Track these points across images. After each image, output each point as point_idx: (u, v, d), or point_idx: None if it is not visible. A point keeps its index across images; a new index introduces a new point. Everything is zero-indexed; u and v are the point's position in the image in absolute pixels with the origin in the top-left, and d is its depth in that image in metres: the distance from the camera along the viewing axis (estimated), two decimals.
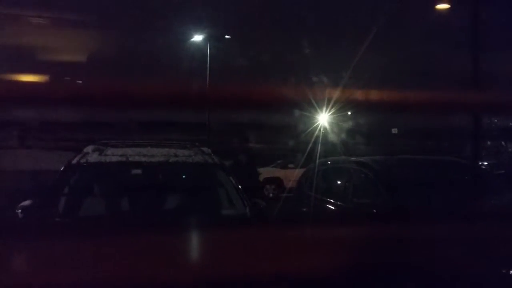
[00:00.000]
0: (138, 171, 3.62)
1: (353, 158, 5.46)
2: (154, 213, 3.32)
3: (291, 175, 10.35)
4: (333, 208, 5.02)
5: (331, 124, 14.38)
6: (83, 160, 3.65)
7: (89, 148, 3.93)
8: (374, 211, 4.41)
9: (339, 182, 5.43)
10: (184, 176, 3.89)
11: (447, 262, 2.53)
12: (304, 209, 5.68)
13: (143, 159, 3.71)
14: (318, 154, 6.79)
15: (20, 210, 2.98)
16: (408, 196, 4.14)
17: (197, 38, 17.83)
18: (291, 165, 12.78)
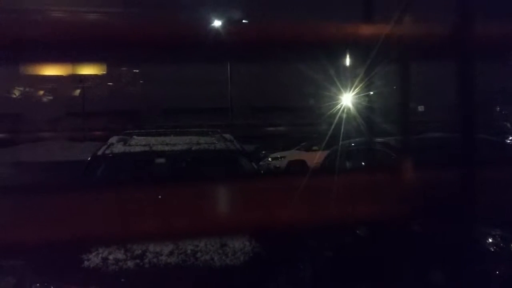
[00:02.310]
0: (162, 160, 3.67)
1: (377, 139, 5.37)
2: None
3: (315, 158, 10.28)
4: None
5: (354, 104, 14.15)
6: (108, 151, 3.72)
7: (113, 139, 4.02)
8: None
9: (363, 164, 5.36)
10: (207, 164, 3.92)
11: None
12: None
13: (166, 148, 3.76)
14: (341, 136, 6.71)
15: None
16: None
17: (216, 23, 17.85)
18: (315, 148, 12.67)
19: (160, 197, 1.38)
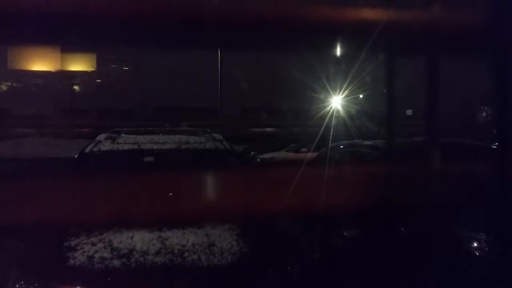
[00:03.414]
0: (150, 159, 3.64)
1: (366, 142, 5.41)
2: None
3: (304, 159, 10.30)
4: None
5: (344, 107, 14.25)
6: (96, 149, 3.69)
7: (101, 137, 3.98)
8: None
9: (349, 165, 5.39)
10: (195, 163, 3.90)
11: None
12: None
13: (155, 146, 3.74)
14: (331, 138, 6.75)
15: None
16: None
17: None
18: (304, 149, 12.71)
19: (147, 195, 1.38)
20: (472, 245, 3.02)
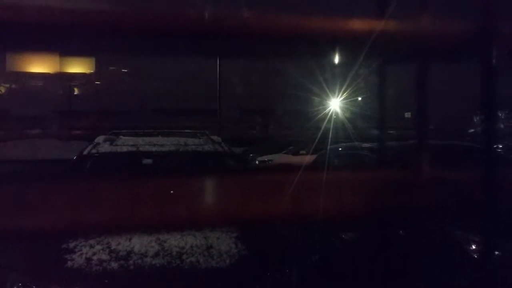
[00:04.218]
0: (149, 161, 3.64)
1: (365, 144, 5.42)
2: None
3: (303, 162, 10.30)
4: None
5: (342, 109, 14.27)
6: (94, 150, 3.69)
7: (100, 138, 3.99)
8: None
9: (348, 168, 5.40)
10: (194, 165, 3.91)
11: None
12: None
13: (154, 148, 3.74)
14: (329, 140, 6.76)
15: None
16: None
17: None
18: (302, 152, 12.71)
19: (145, 197, 1.38)
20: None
